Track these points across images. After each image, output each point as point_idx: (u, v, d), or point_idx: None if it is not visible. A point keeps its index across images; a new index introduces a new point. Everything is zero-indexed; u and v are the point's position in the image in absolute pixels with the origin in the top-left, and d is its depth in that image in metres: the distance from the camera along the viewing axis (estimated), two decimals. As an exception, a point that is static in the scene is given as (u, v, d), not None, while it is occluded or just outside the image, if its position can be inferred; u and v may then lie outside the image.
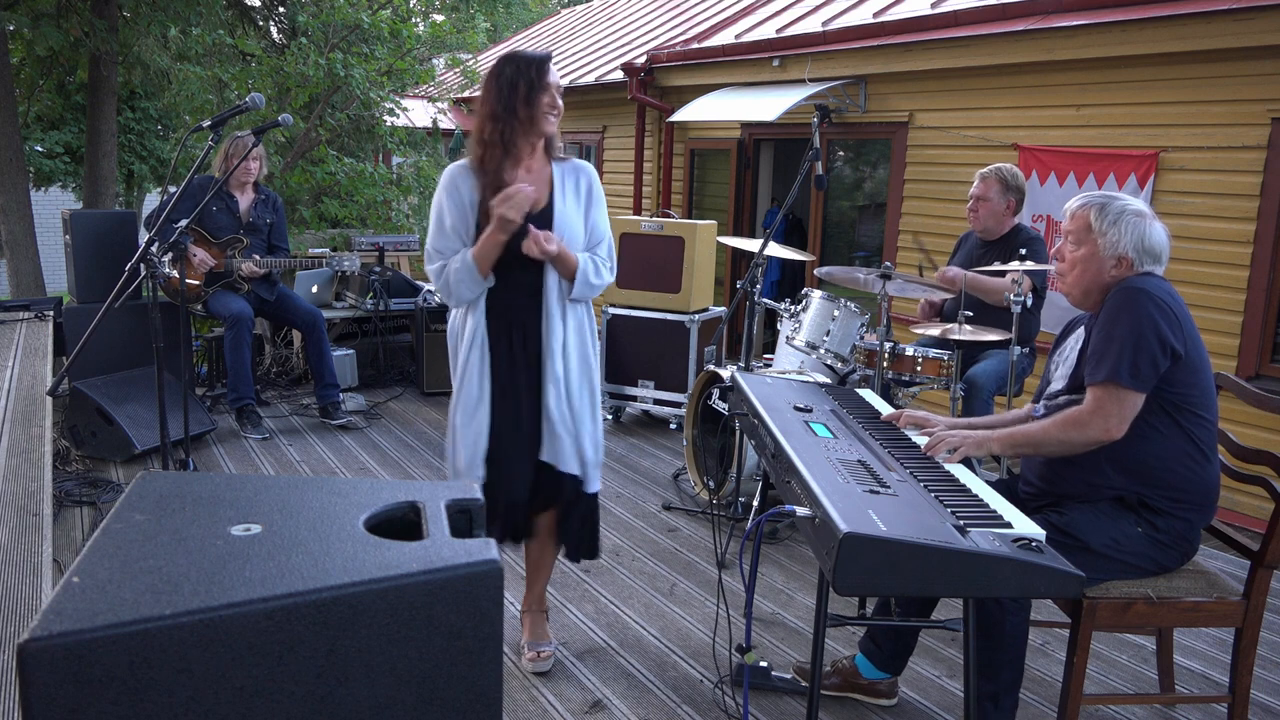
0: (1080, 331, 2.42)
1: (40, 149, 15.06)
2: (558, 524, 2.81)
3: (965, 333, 3.66)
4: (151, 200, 18.31)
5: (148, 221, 4.67)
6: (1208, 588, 2.30)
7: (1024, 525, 1.80)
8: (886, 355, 3.79)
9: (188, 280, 4.86)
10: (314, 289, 6.14)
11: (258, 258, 5.01)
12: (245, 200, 5.09)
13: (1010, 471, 4.04)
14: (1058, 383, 2.40)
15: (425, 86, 10.81)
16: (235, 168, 4.80)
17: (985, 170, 4.14)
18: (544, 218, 2.61)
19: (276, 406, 5.69)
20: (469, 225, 2.60)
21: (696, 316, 5.25)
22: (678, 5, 11.18)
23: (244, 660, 1.05)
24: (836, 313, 4.08)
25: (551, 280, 2.63)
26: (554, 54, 2.55)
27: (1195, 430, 2.24)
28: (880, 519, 1.67)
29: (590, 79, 9.34)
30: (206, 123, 3.32)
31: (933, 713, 2.68)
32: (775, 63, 7.04)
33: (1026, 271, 3.73)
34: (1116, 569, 2.25)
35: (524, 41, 13.99)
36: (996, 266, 3.92)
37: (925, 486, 1.96)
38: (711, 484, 4.18)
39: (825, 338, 4.08)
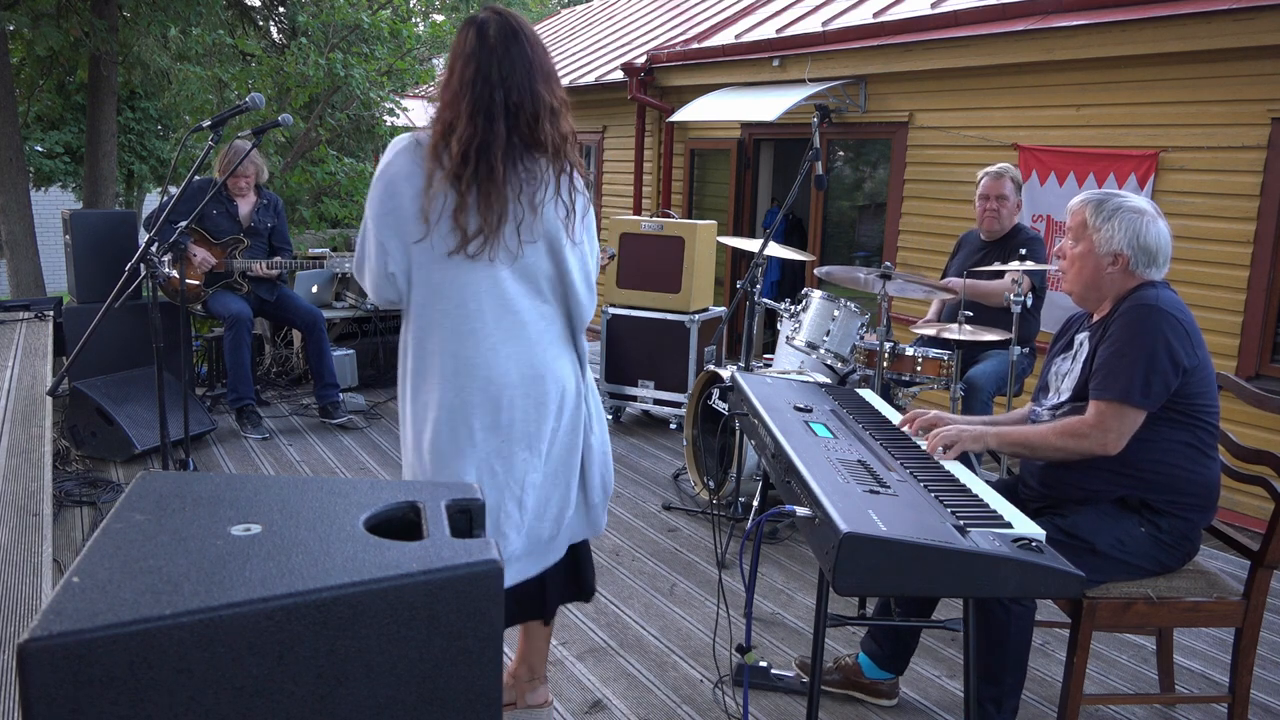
0: (1082, 337, 2.40)
1: (40, 149, 15.08)
2: None
3: (965, 333, 3.66)
4: (151, 200, 18.33)
5: (147, 222, 4.68)
6: (1208, 588, 2.30)
7: (1024, 525, 1.80)
8: (886, 355, 3.79)
9: (187, 280, 4.86)
10: (314, 289, 6.14)
11: (279, 259, 5.03)
12: (247, 204, 5.09)
13: (1010, 471, 4.03)
14: (1064, 394, 2.38)
15: (425, 86, 10.81)
16: (232, 171, 4.81)
17: (994, 169, 4.10)
18: None
19: (276, 406, 5.69)
20: None
21: (696, 316, 5.25)
22: (678, 5, 11.18)
23: (244, 660, 1.05)
24: (836, 313, 4.07)
25: None
26: (551, 52, 2.31)
27: (1198, 432, 2.25)
28: (880, 519, 1.67)
29: (590, 79, 9.34)
30: (206, 123, 3.31)
31: (933, 713, 2.68)
32: (775, 63, 7.04)
33: (1026, 271, 3.73)
34: (1121, 569, 2.25)
35: (524, 41, 13.95)
36: (997, 267, 3.92)
37: (925, 486, 1.96)
38: (711, 484, 4.18)
39: (825, 338, 4.07)
